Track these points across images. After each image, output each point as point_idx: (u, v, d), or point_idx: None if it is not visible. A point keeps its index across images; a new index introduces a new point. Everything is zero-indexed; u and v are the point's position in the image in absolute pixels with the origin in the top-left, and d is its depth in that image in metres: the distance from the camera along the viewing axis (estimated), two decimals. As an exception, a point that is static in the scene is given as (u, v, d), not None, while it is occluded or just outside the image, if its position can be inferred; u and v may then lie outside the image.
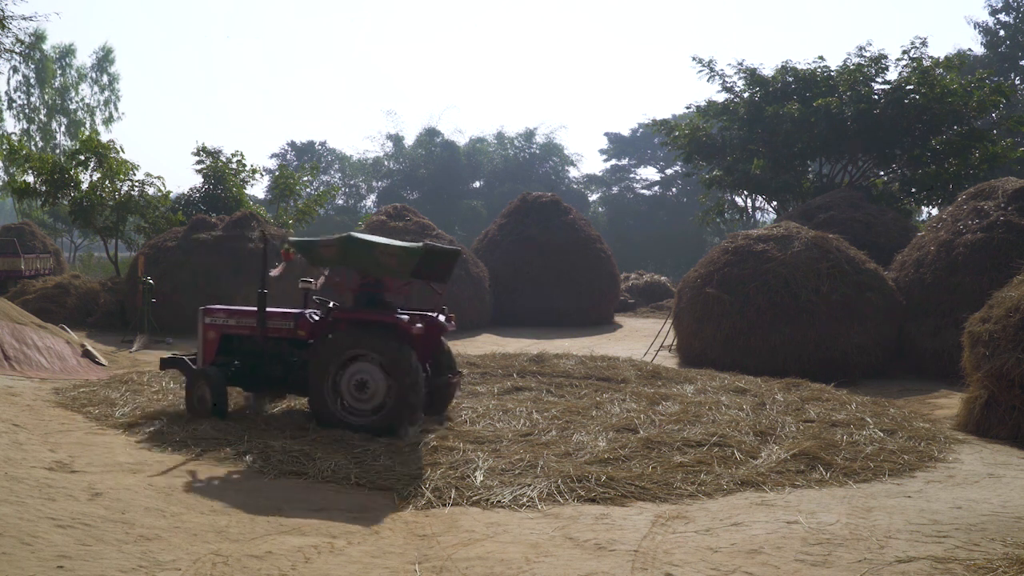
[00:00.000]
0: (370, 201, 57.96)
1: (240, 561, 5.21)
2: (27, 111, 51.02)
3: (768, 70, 27.67)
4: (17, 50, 26.08)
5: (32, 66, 50.71)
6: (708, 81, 33.23)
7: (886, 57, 25.97)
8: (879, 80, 25.95)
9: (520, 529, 5.98)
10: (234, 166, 29.52)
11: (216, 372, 9.05)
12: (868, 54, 26.16)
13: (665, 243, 52.48)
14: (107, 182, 25.59)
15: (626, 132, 58.49)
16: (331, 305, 9.27)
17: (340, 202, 56.56)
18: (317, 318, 9.20)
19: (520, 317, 23.63)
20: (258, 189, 58.52)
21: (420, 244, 8.80)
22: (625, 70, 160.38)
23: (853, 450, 8.13)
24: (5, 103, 50.10)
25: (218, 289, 20.54)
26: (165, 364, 9.65)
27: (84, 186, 25.50)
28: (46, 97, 51.52)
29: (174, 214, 26.25)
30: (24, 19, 33.42)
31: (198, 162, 29.02)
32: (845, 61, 26.66)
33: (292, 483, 7.04)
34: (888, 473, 7.54)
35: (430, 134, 57.13)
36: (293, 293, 11.78)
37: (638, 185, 58.07)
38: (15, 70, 50.02)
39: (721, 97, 28.56)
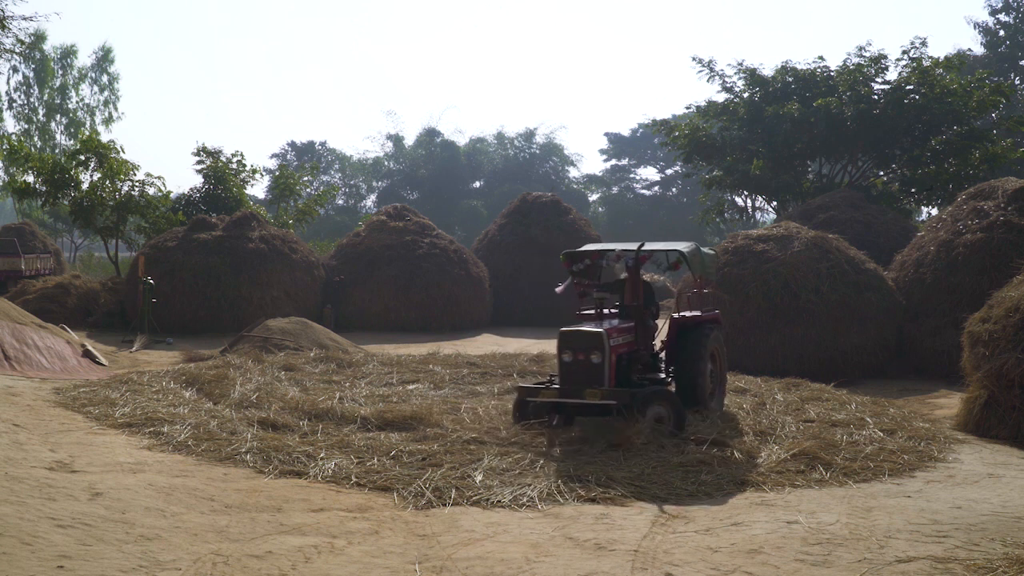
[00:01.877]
0: (370, 201, 57.91)
1: (240, 561, 5.21)
2: (26, 111, 50.98)
3: (768, 70, 27.73)
4: (17, 50, 26.09)
5: (32, 66, 50.65)
6: (708, 81, 33.19)
7: (886, 57, 26.00)
8: (879, 80, 25.97)
9: (520, 529, 5.99)
10: (234, 166, 29.51)
11: (672, 392, 9.01)
12: (868, 54, 26.17)
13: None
14: (107, 182, 25.61)
15: (626, 132, 58.48)
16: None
17: (340, 202, 56.50)
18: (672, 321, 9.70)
19: (520, 317, 23.62)
20: (258, 189, 58.40)
21: (715, 251, 9.80)
22: (625, 70, 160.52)
23: (853, 450, 8.13)
24: (5, 103, 50.09)
25: (218, 289, 20.56)
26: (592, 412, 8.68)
27: (84, 186, 25.53)
28: (45, 97, 51.46)
29: (174, 214, 26.25)
30: (24, 19, 33.41)
31: (198, 162, 29.03)
32: (845, 61, 26.68)
33: (292, 483, 7.04)
34: (888, 473, 7.54)
35: (430, 134, 57.08)
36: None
37: (638, 185, 58.08)
38: (15, 70, 50.00)
39: (721, 97, 28.60)
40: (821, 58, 35.49)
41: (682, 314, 9.91)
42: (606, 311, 9.83)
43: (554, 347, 17.24)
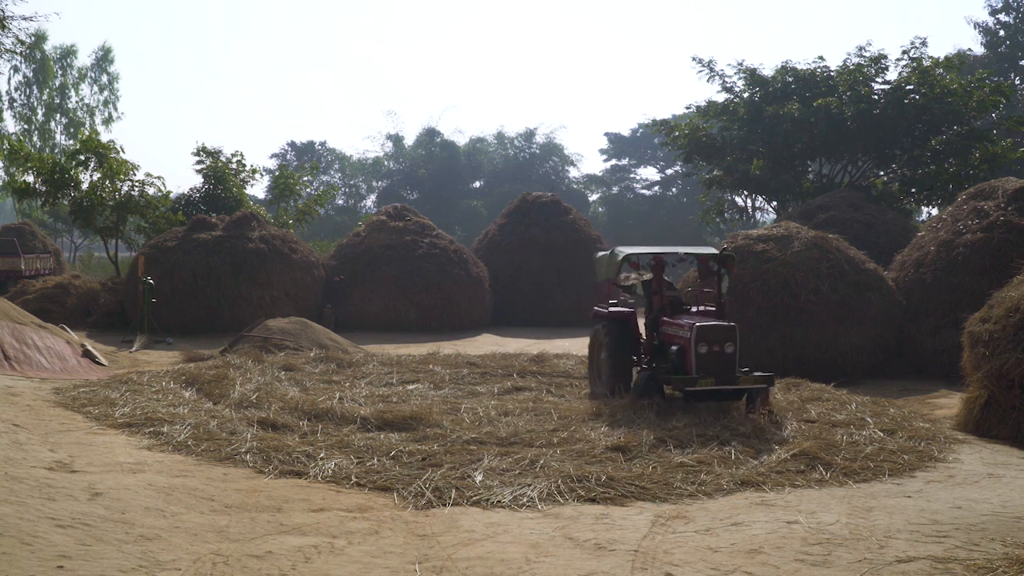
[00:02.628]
0: (370, 201, 57.85)
1: (240, 561, 5.21)
2: (26, 111, 50.98)
3: (768, 70, 27.69)
4: (17, 50, 26.07)
5: (32, 66, 50.64)
6: (708, 81, 33.15)
7: (886, 57, 25.98)
8: (879, 80, 25.95)
9: (520, 529, 5.99)
10: (234, 166, 29.50)
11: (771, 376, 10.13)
12: (868, 54, 26.16)
13: (665, 243, 52.39)
14: (107, 182, 25.59)
15: (626, 132, 58.40)
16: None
17: (340, 202, 56.43)
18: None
19: (520, 317, 23.62)
20: (258, 189, 58.24)
21: None
22: (625, 70, 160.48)
23: (853, 450, 8.13)
24: (5, 103, 50.07)
25: (218, 289, 20.56)
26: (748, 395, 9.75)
27: (84, 186, 25.52)
28: (45, 97, 51.46)
29: (174, 214, 26.24)
30: (24, 19, 33.28)
31: (198, 162, 29.01)
32: (845, 61, 26.66)
33: (292, 483, 7.04)
34: (888, 473, 7.54)
35: (430, 134, 57.03)
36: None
37: (638, 185, 58.04)
38: (15, 70, 49.98)
39: (721, 97, 28.57)
40: (821, 58, 35.53)
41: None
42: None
43: (553, 347, 17.26)
